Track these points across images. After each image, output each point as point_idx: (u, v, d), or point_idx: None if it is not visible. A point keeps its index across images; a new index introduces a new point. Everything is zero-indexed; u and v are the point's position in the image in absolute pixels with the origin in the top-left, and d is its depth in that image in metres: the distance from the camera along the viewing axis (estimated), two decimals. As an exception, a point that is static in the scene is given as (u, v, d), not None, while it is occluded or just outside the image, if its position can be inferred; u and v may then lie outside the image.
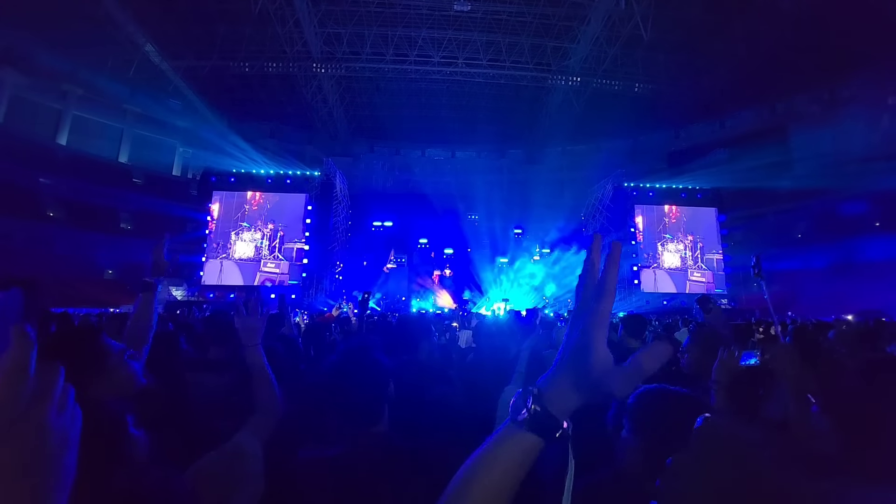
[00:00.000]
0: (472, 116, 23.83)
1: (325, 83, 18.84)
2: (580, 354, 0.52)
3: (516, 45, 17.57)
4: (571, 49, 17.45)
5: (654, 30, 15.12)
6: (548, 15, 16.39)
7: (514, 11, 16.31)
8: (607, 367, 0.50)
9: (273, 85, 19.73)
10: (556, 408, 0.52)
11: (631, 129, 22.00)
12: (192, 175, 22.19)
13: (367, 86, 20.54)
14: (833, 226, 17.08)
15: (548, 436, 0.51)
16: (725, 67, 17.67)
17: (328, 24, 16.75)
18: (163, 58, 17.47)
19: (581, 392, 0.52)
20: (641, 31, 14.94)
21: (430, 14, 16.57)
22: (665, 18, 15.18)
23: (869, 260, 15.26)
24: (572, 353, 0.53)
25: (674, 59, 18.10)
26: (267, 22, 15.50)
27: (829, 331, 3.04)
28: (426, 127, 23.50)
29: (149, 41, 16.66)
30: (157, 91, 19.22)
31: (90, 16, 14.69)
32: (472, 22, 16.91)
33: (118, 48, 16.69)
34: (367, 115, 23.24)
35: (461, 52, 17.80)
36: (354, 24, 16.87)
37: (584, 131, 22.10)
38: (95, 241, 17.46)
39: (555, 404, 0.52)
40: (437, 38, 17.43)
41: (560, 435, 0.52)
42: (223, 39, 17.12)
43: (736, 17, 15.75)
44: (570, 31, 16.99)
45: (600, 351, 0.51)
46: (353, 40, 17.36)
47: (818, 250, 16.31)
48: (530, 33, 17.24)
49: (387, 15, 16.57)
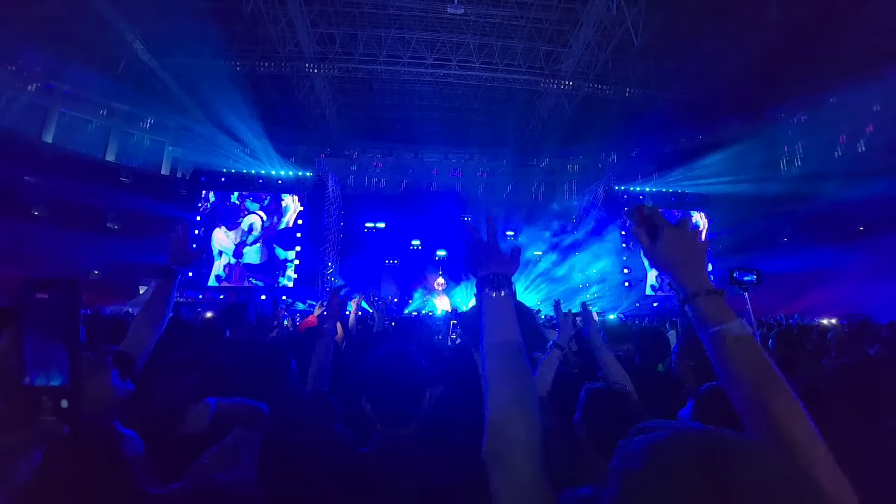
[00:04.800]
0: (465, 119, 23.91)
1: (317, 83, 18.76)
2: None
3: (509, 49, 17.67)
4: (564, 53, 17.60)
5: (645, 35, 15.33)
6: (541, 19, 16.53)
7: (508, 15, 16.41)
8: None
9: (265, 84, 19.58)
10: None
11: (622, 133, 22.23)
12: (182, 174, 21.90)
13: (360, 87, 20.50)
14: (819, 230, 17.40)
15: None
16: (715, 73, 17.95)
17: (321, 24, 16.69)
18: (152, 55, 17.24)
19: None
20: (632, 36, 15.13)
21: (423, 16, 16.60)
22: (655, 24, 15.38)
23: (853, 263, 15.59)
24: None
25: (664, 65, 18.36)
26: (259, 21, 15.40)
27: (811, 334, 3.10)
28: (419, 129, 23.51)
29: (137, 38, 16.44)
30: (145, 89, 18.96)
31: (78, 11, 14.47)
32: (465, 24, 16.97)
33: (106, 45, 16.46)
34: (360, 116, 23.18)
35: (454, 55, 17.84)
36: (347, 24, 16.83)
37: (576, 135, 22.29)
38: (81, 240, 17.14)
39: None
40: (431, 40, 17.46)
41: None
42: (214, 38, 16.95)
43: (725, 25, 16.02)
44: (562, 36, 17.14)
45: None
46: (346, 41, 17.31)
47: (804, 254, 16.59)
48: (523, 37, 17.35)
49: (380, 16, 16.56)
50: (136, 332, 1.55)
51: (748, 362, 0.72)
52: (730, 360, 0.73)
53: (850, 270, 15.44)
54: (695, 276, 0.80)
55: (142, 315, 1.59)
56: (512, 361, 0.83)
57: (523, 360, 0.84)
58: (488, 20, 16.77)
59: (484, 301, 0.91)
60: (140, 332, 1.54)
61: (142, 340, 1.53)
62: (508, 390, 0.79)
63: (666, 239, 0.83)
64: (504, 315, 0.88)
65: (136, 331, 1.55)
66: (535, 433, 0.74)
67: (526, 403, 0.78)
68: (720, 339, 0.74)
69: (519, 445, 0.72)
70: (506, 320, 0.88)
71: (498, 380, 0.81)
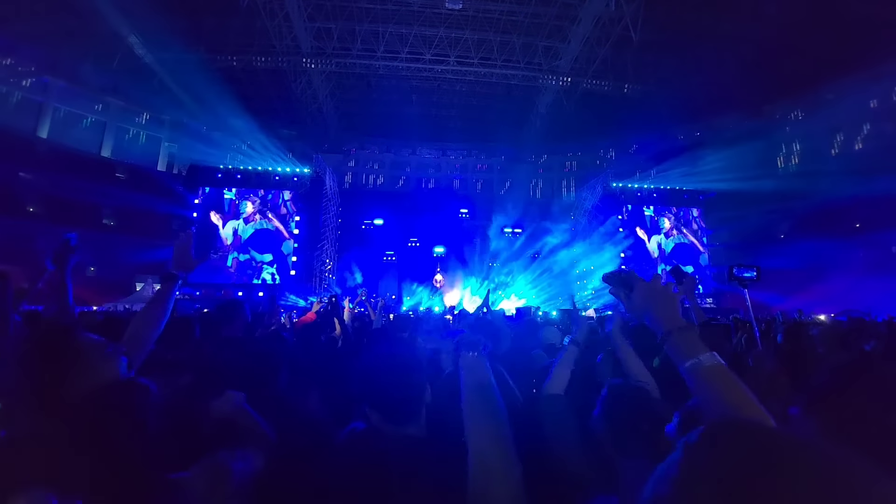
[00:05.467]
0: (464, 115, 23.84)
1: (314, 79, 18.63)
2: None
3: (507, 44, 17.59)
4: (562, 49, 17.53)
5: (643, 31, 15.29)
6: (539, 14, 16.44)
7: (506, 10, 16.32)
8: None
9: (262, 79, 19.44)
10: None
11: (620, 129, 22.21)
12: (178, 170, 21.76)
13: (358, 82, 20.37)
14: (816, 227, 17.46)
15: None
16: (713, 70, 17.92)
17: (318, 18, 16.56)
18: (147, 50, 17.08)
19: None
20: (631, 32, 15.08)
21: (421, 11, 16.49)
22: (654, 20, 15.33)
23: (850, 259, 15.67)
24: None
25: (662, 61, 18.31)
26: (255, 15, 15.26)
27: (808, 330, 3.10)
28: (417, 125, 23.42)
29: (133, 32, 16.28)
30: (141, 84, 18.80)
31: (73, 5, 14.31)
32: (463, 20, 16.88)
33: (101, 39, 16.29)
34: (357, 112, 23.07)
35: (453, 51, 17.75)
36: (345, 19, 16.71)
37: (574, 132, 22.26)
38: (77, 237, 17.03)
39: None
40: (429, 35, 17.35)
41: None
42: (210, 32, 16.81)
43: (723, 21, 15.97)
44: (560, 31, 17.06)
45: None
46: (343, 36, 17.19)
47: (801, 250, 16.66)
48: (522, 32, 17.27)
49: (378, 11, 16.44)
50: (135, 330, 1.58)
51: (721, 388, 0.82)
52: (704, 387, 0.83)
53: (847, 267, 15.52)
54: (668, 316, 0.93)
55: (142, 315, 1.64)
56: (486, 400, 1.00)
57: (496, 397, 1.01)
58: (486, 16, 16.68)
59: (461, 360, 1.13)
60: (139, 331, 1.58)
61: (141, 339, 1.56)
62: (485, 428, 0.95)
63: (640, 291, 0.99)
64: (477, 369, 1.10)
65: (136, 329, 1.58)
66: (515, 471, 0.88)
67: (503, 442, 0.93)
68: (694, 371, 0.85)
69: (502, 485, 0.86)
70: (478, 372, 1.09)
71: (476, 418, 0.97)
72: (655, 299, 0.97)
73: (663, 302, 0.96)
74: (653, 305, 0.96)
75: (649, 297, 0.98)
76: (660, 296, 0.97)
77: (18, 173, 16.73)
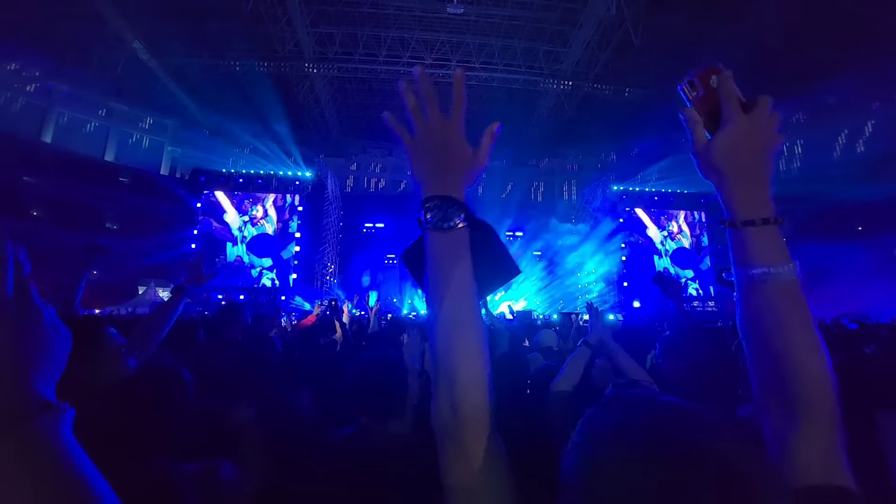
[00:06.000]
0: (465, 119, 23.84)
1: (317, 83, 18.74)
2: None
3: (509, 49, 17.66)
4: (563, 53, 17.59)
5: (644, 35, 15.32)
6: (541, 19, 16.51)
7: (508, 15, 16.40)
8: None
9: (264, 84, 19.56)
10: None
11: (622, 133, 22.23)
12: (181, 174, 21.89)
13: (360, 86, 20.48)
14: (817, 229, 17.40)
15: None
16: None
17: (321, 24, 16.68)
18: (151, 55, 17.22)
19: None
20: (632, 36, 15.13)
21: (423, 16, 16.58)
22: (655, 25, 15.37)
23: (852, 262, 15.59)
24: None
25: (664, 65, 18.32)
26: (258, 21, 15.38)
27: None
28: (419, 129, 23.46)
29: (136, 38, 16.43)
30: (144, 89, 18.95)
31: (76, 11, 14.46)
32: (465, 24, 16.96)
33: (105, 44, 16.43)
34: (359, 116, 23.15)
35: (454, 55, 17.83)
36: (347, 24, 16.82)
37: (576, 135, 22.27)
38: (80, 240, 17.09)
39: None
40: (430, 40, 17.45)
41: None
42: (213, 37, 16.93)
43: (724, 25, 16.00)
44: (562, 36, 17.13)
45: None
46: (345, 41, 17.30)
47: (803, 253, 16.55)
48: (523, 37, 17.33)
49: (380, 16, 16.54)
50: (140, 333, 1.66)
51: (789, 317, 0.60)
52: (767, 310, 0.61)
53: (849, 270, 15.45)
54: (754, 195, 0.66)
55: (148, 319, 1.73)
56: (466, 313, 0.65)
57: (478, 310, 0.68)
58: (488, 20, 16.76)
59: (428, 241, 0.71)
60: (144, 334, 1.66)
61: (145, 342, 1.64)
62: (461, 348, 0.63)
63: (732, 131, 0.65)
64: (455, 256, 0.67)
65: (141, 332, 1.67)
66: (488, 396, 0.62)
67: (482, 367, 0.63)
68: (761, 284, 0.62)
69: (478, 409, 0.60)
70: (457, 263, 0.66)
71: (449, 337, 0.64)
72: (748, 152, 0.65)
73: (756, 162, 0.66)
74: (739, 163, 0.66)
75: (741, 147, 0.65)
76: (758, 147, 0.65)
77: (22, 178, 16.84)
